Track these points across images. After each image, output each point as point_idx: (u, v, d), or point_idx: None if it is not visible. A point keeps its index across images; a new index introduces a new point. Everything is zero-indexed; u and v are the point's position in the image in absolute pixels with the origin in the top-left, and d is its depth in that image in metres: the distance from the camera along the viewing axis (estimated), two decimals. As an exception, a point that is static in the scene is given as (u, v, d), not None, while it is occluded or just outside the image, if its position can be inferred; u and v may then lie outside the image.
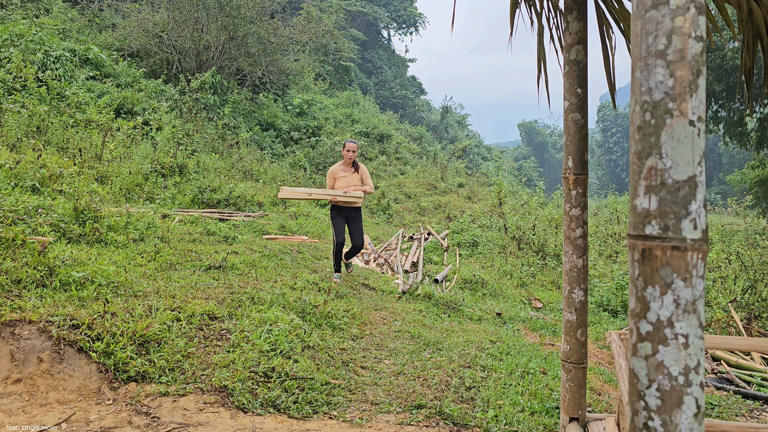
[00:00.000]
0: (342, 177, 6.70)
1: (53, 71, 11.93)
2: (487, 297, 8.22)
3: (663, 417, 0.97)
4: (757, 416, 4.46)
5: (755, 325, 7.13)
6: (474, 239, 11.66)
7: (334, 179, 6.74)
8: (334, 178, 6.72)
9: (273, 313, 4.67)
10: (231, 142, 14.76)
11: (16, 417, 3.12)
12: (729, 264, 10.63)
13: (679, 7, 0.98)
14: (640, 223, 1.01)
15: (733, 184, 21.71)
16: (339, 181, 6.69)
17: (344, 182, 6.68)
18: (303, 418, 3.41)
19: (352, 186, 6.64)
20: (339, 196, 6.44)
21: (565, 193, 2.90)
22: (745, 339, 3.04)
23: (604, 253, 12.60)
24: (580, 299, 2.85)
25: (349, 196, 6.47)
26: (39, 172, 7.03)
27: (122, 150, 10.17)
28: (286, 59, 19.50)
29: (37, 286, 4.30)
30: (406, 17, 40.84)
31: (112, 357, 3.59)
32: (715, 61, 15.31)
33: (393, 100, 35.85)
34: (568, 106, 2.85)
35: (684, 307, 0.97)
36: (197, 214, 8.51)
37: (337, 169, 6.76)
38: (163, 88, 15.17)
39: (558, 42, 3.25)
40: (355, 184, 6.70)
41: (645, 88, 1.01)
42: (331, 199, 6.47)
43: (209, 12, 16.26)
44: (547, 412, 3.77)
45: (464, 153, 29.36)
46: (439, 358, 4.78)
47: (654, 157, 0.99)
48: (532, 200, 16.16)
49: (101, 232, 5.89)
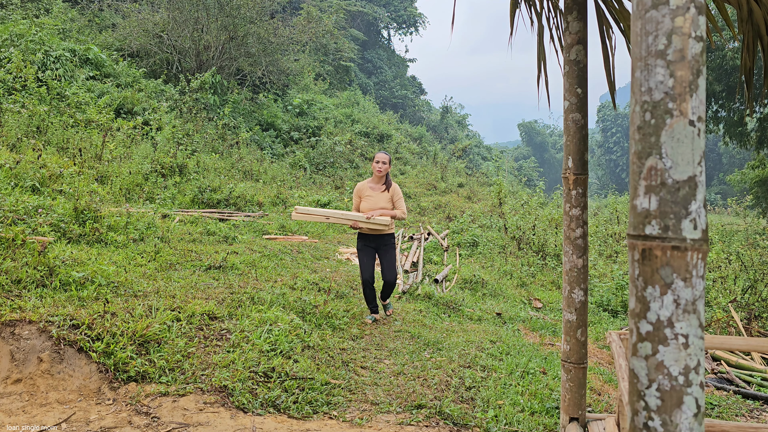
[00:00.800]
0: (369, 197, 5.56)
1: (53, 71, 11.94)
2: (487, 297, 8.22)
3: (663, 417, 0.97)
4: (757, 416, 4.46)
5: (755, 325, 7.13)
6: (474, 239, 11.66)
7: (359, 198, 5.62)
8: (360, 197, 5.61)
9: (273, 313, 4.67)
10: (231, 142, 14.76)
11: (16, 417, 3.12)
12: (729, 264, 10.63)
13: (679, 7, 0.98)
14: (640, 223, 1.01)
15: (733, 184, 21.72)
16: (365, 201, 5.56)
17: (370, 203, 5.53)
18: (303, 418, 3.41)
19: (378, 209, 5.49)
20: (360, 221, 5.39)
21: (565, 193, 2.90)
22: (745, 339, 3.04)
23: (604, 253, 12.60)
24: (580, 299, 2.85)
25: (373, 222, 5.36)
26: (39, 172, 7.03)
27: (122, 150, 10.17)
28: (286, 59, 19.51)
29: (37, 286, 4.30)
30: (406, 17, 40.85)
31: (112, 357, 3.59)
32: (715, 61, 15.31)
33: (393, 100, 35.85)
34: (568, 106, 2.85)
35: (684, 307, 0.97)
36: (197, 214, 8.51)
37: (365, 186, 5.63)
38: (163, 88, 15.17)
39: (558, 42, 3.25)
40: (383, 207, 5.51)
41: (645, 88, 1.01)
42: (351, 224, 5.44)
43: (209, 12, 16.27)
44: (547, 412, 3.77)
45: (464, 153, 29.37)
46: (439, 358, 4.78)
47: (654, 157, 0.99)
48: (532, 200, 16.16)
49: (101, 232, 5.90)
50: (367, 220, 5.35)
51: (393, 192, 5.60)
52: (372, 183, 5.63)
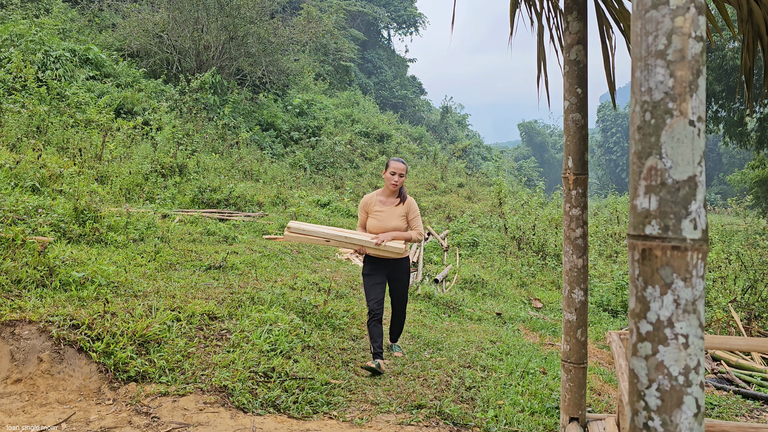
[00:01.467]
0: (378, 212, 4.54)
1: (53, 71, 11.93)
2: (487, 297, 8.22)
3: (663, 417, 0.97)
4: (757, 416, 4.46)
5: (755, 325, 7.13)
6: (474, 239, 11.66)
7: (366, 214, 4.63)
8: (367, 212, 4.62)
9: (273, 313, 4.67)
10: (231, 142, 14.76)
11: (16, 417, 3.12)
12: (729, 264, 10.63)
13: (679, 7, 0.98)
14: (640, 223, 1.01)
15: (733, 184, 21.72)
16: (373, 218, 4.54)
17: (380, 221, 4.50)
18: (303, 418, 3.41)
19: (390, 229, 4.48)
20: (369, 245, 4.39)
21: (565, 193, 2.90)
22: (745, 339, 3.04)
23: (604, 253, 12.60)
24: (580, 299, 2.85)
25: (384, 248, 4.37)
26: (39, 172, 7.03)
27: (122, 150, 10.17)
28: (286, 59, 19.50)
29: (37, 286, 4.30)
30: (406, 17, 40.85)
31: (112, 357, 3.59)
32: (715, 61, 15.31)
33: (393, 100, 35.85)
34: (568, 106, 2.85)
35: (684, 307, 0.97)
36: (197, 214, 8.51)
37: (373, 200, 4.62)
38: (163, 88, 15.17)
39: (558, 42, 3.26)
40: (396, 226, 4.49)
41: (645, 88, 1.01)
42: (358, 248, 4.43)
43: (209, 12, 16.26)
44: (547, 412, 3.77)
45: (464, 153, 29.36)
46: (439, 358, 4.78)
47: (654, 157, 0.99)
48: (532, 200, 16.17)
49: (101, 232, 5.90)
50: (378, 245, 4.34)
51: (408, 207, 4.58)
52: (382, 195, 4.61)
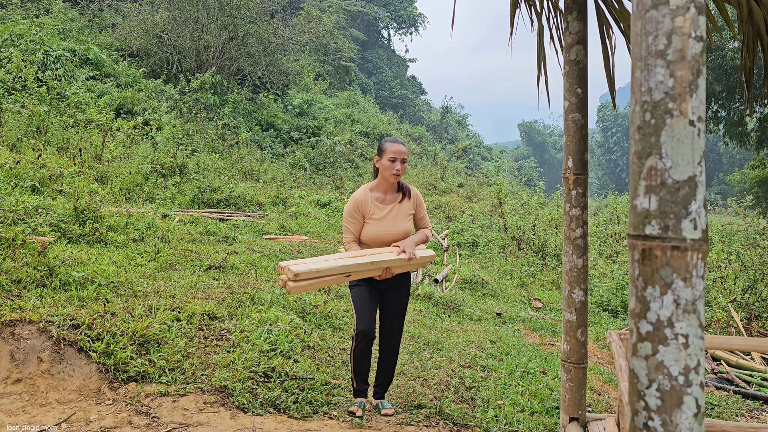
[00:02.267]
0: (378, 216, 3.44)
1: (53, 71, 11.93)
2: (487, 297, 8.21)
3: (663, 417, 0.97)
4: (757, 416, 4.46)
5: (755, 325, 7.13)
6: (474, 239, 11.66)
7: (361, 220, 3.45)
8: (362, 217, 3.44)
9: (273, 313, 4.67)
10: (231, 142, 14.76)
11: (16, 417, 3.12)
12: (729, 264, 10.63)
13: (679, 7, 0.98)
14: (640, 223, 1.01)
15: (733, 184, 21.72)
16: (373, 224, 3.43)
17: (385, 226, 3.43)
18: (303, 418, 3.41)
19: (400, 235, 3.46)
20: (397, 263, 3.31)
21: (565, 193, 2.90)
22: (745, 339, 3.04)
23: (604, 253, 12.60)
24: (580, 299, 2.85)
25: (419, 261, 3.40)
26: (39, 172, 7.03)
27: (122, 150, 10.17)
28: (286, 59, 19.50)
29: (37, 286, 4.30)
30: (406, 17, 40.84)
31: (112, 357, 3.59)
32: (715, 61, 15.31)
33: (393, 100, 35.84)
34: (568, 106, 2.85)
35: (684, 307, 0.97)
36: (197, 214, 8.51)
37: (367, 199, 3.43)
38: (163, 88, 15.17)
39: (558, 42, 3.26)
40: (406, 229, 3.46)
41: (645, 88, 1.01)
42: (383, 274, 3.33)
43: (209, 12, 16.26)
44: (547, 412, 3.77)
45: (464, 153, 29.35)
46: (439, 358, 4.78)
47: (654, 157, 0.99)
48: (532, 200, 16.16)
49: (101, 232, 5.89)
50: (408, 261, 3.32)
51: (416, 200, 3.54)
52: (379, 192, 3.48)
